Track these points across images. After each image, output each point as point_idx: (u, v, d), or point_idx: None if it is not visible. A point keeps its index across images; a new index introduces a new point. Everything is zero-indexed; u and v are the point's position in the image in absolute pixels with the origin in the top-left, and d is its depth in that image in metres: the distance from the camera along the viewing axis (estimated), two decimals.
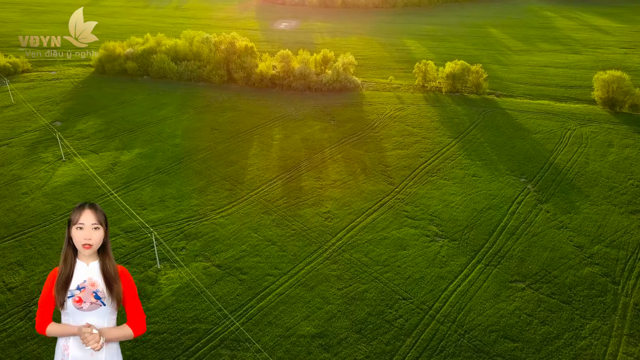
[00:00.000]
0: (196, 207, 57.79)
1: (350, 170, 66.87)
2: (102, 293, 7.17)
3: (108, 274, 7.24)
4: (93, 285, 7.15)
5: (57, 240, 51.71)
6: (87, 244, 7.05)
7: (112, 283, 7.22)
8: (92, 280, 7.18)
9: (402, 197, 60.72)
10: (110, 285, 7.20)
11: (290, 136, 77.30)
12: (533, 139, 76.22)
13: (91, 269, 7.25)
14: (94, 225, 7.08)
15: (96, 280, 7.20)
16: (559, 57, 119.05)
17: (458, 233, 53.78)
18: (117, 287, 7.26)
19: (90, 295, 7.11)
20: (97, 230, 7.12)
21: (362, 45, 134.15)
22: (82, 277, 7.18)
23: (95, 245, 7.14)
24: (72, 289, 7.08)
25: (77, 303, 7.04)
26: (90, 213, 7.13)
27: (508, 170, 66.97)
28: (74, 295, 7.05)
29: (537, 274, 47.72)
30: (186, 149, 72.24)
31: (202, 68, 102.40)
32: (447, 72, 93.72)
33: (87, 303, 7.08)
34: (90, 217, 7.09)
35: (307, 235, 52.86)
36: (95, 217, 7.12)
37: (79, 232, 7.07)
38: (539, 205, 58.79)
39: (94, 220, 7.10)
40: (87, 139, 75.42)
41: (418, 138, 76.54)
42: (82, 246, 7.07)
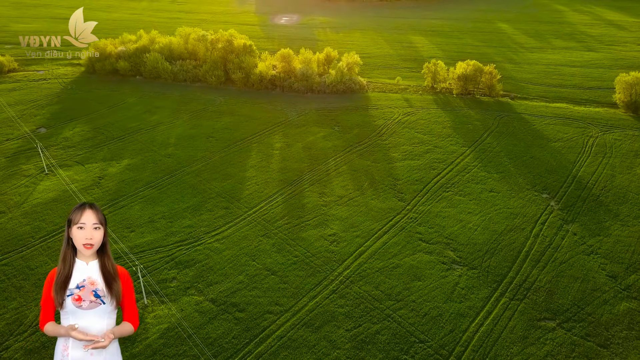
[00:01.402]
0: (189, 228, 52.64)
1: (357, 185, 61.63)
2: (102, 292, 7.20)
3: (108, 273, 7.30)
4: (93, 284, 7.20)
5: (34, 269, 46.68)
6: (88, 244, 7.12)
7: (112, 282, 7.29)
8: (91, 279, 7.24)
9: (415, 216, 55.55)
10: (109, 284, 7.27)
11: (292, 145, 71.92)
12: (553, 147, 70.82)
13: (91, 268, 7.30)
14: (95, 225, 7.14)
15: (96, 279, 7.25)
16: (574, 55, 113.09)
17: (478, 260, 48.68)
18: (116, 286, 7.31)
19: (90, 294, 7.15)
20: (98, 230, 7.18)
21: (366, 41, 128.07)
22: (81, 276, 7.22)
23: (96, 245, 7.19)
24: (71, 287, 7.12)
25: (77, 301, 7.08)
26: (91, 213, 7.18)
27: (528, 184, 61.70)
28: (73, 294, 7.09)
29: (569, 310, 42.68)
30: (179, 160, 66.92)
31: (197, 68, 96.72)
32: (458, 73, 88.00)
33: (86, 302, 7.10)
34: (92, 217, 7.14)
35: (311, 263, 47.77)
36: (96, 217, 7.17)
37: (80, 232, 7.10)
38: (564, 227, 53.63)
39: (95, 220, 7.15)
40: (73, 148, 70.06)
41: (429, 147, 71.15)
42: (83, 246, 7.12)
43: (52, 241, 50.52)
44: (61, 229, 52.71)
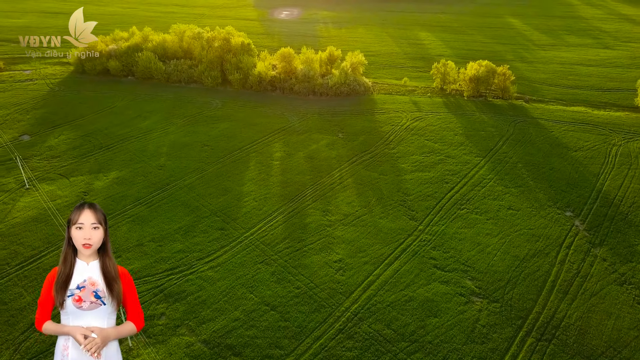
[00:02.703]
0: (181, 254, 47.92)
1: (364, 200, 56.81)
2: (103, 292, 7.15)
3: (108, 273, 7.23)
4: (93, 284, 7.15)
5: (8, 304, 42.03)
6: (87, 244, 7.08)
7: (113, 283, 7.20)
8: (92, 279, 7.18)
9: (428, 237, 50.81)
10: (110, 285, 7.18)
11: (293, 154, 66.96)
12: (574, 158, 65.85)
13: (91, 269, 7.24)
14: (94, 225, 7.10)
15: (96, 279, 7.19)
16: (590, 52, 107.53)
17: (499, 291, 44.01)
18: (117, 287, 7.22)
19: (90, 295, 7.09)
20: (97, 229, 7.13)
21: (370, 38, 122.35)
22: (82, 277, 7.16)
23: (95, 244, 7.14)
24: (71, 288, 7.06)
25: (77, 302, 7.02)
26: (90, 213, 7.12)
27: (550, 200, 56.86)
28: (73, 295, 7.04)
29: (604, 354, 38.10)
30: (172, 172, 62.02)
31: (193, 68, 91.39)
32: (470, 74, 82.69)
33: (87, 302, 7.05)
34: (90, 217, 7.09)
35: (315, 296, 43.12)
36: (94, 216, 7.12)
37: (78, 232, 7.07)
38: (592, 251, 48.90)
39: (94, 220, 7.09)
40: (57, 158, 65.13)
41: (441, 156, 66.20)
42: (82, 246, 7.09)
43: (29, 269, 45.85)
44: (41, 254, 48.06)
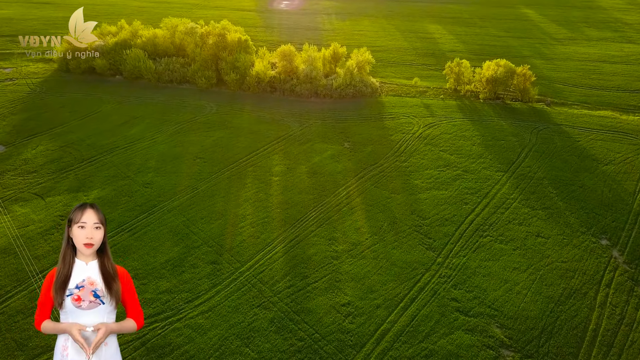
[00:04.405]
0: (167, 295, 41.99)
1: (375, 226, 50.70)
2: (101, 292, 7.34)
3: (107, 273, 7.46)
4: (92, 284, 7.31)
5: None
6: (88, 243, 7.33)
7: (111, 282, 7.43)
8: (91, 279, 7.33)
9: (448, 272, 44.82)
10: (109, 284, 7.41)
11: (294, 168, 60.65)
12: (605, 173, 59.51)
13: (90, 268, 7.43)
14: (96, 225, 7.41)
15: (95, 279, 7.37)
16: (613, 47, 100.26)
17: (533, 343, 38.17)
18: (116, 286, 7.45)
19: (89, 294, 7.24)
20: (99, 229, 7.49)
21: (376, 31, 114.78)
22: (81, 276, 7.32)
23: (96, 244, 7.45)
24: (70, 287, 7.21)
25: (76, 302, 7.16)
26: (92, 212, 7.46)
27: (582, 225, 50.72)
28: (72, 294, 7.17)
29: None
30: (160, 191, 55.81)
31: (185, 67, 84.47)
32: (487, 76, 75.79)
33: (86, 302, 7.21)
34: (92, 216, 7.37)
35: (321, 351, 37.29)
36: (97, 216, 7.44)
37: (80, 231, 7.34)
38: (636, 289, 42.94)
39: (96, 220, 7.43)
40: (33, 173, 58.88)
41: (458, 171, 59.87)
42: (84, 245, 7.33)
43: None
44: (7, 295, 42.12)
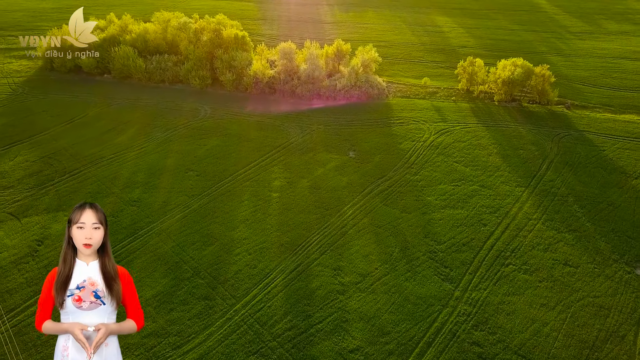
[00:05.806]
0: (152, 338, 37.29)
1: (385, 252, 45.81)
2: (102, 292, 7.15)
3: (108, 273, 7.24)
4: (93, 284, 7.14)
5: None
6: (87, 243, 7.06)
7: (112, 282, 7.22)
8: (91, 279, 7.16)
9: (467, 309, 40.06)
10: (109, 285, 7.20)
11: (295, 182, 55.56)
12: (635, 188, 54.40)
13: (91, 269, 7.22)
14: (95, 225, 7.08)
15: (96, 279, 7.18)
16: (634, 42, 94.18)
17: None
18: (116, 287, 7.24)
19: (90, 295, 7.09)
20: (98, 229, 7.12)
21: (382, 24, 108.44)
22: (81, 277, 7.15)
23: (95, 244, 7.14)
24: (71, 288, 7.05)
25: (77, 302, 7.03)
26: (91, 212, 7.11)
27: (614, 251, 45.81)
28: (73, 295, 7.02)
29: None
30: (148, 211, 50.81)
31: (178, 65, 78.73)
32: (503, 77, 70.12)
33: (86, 302, 7.06)
34: (91, 217, 7.07)
35: None
36: (95, 216, 7.10)
37: (79, 232, 7.05)
38: None
39: (95, 220, 7.08)
40: (10, 189, 53.86)
41: (474, 186, 54.78)
42: (83, 245, 7.07)
43: None
44: None
